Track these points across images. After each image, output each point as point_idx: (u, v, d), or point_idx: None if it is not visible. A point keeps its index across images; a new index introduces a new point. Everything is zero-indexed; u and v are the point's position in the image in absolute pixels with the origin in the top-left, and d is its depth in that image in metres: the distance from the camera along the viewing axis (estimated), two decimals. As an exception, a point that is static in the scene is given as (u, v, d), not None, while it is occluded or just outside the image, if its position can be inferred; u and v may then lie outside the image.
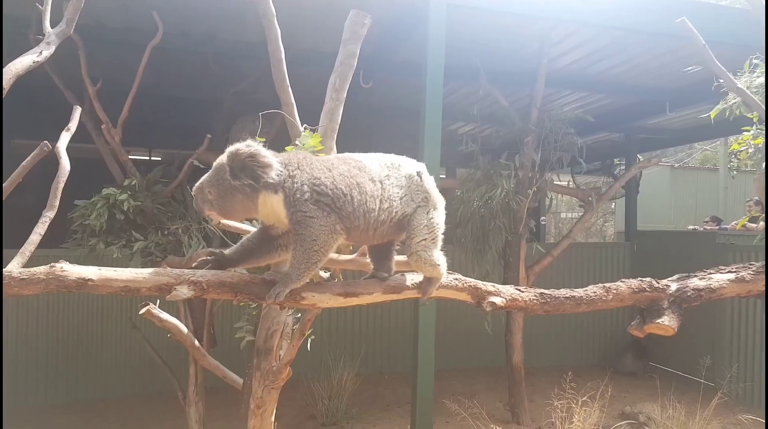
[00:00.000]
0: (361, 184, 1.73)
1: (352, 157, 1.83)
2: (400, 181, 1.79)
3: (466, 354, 7.40)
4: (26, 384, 5.85)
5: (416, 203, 1.80)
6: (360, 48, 2.74)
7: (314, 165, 1.73)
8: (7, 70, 1.55)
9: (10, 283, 1.47)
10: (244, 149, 1.65)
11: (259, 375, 3.00)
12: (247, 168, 1.65)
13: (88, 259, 3.91)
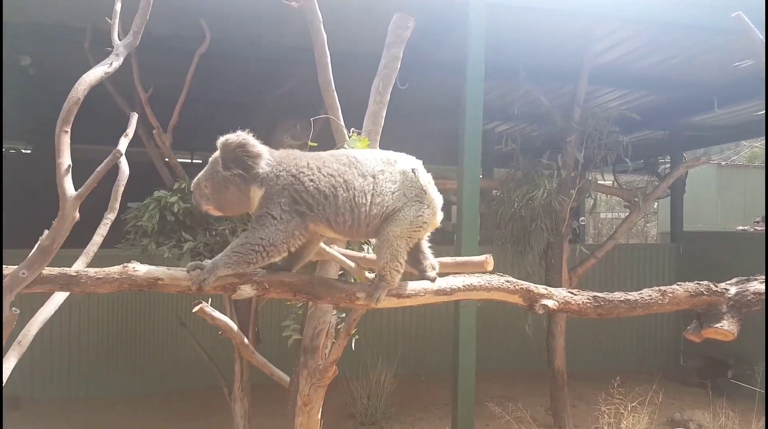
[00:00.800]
0: (349, 181, 1.75)
1: (346, 154, 1.85)
2: (394, 177, 1.80)
3: (504, 356, 7.33)
4: (77, 377, 6.09)
5: (407, 198, 1.79)
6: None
7: (303, 165, 1.75)
8: (81, 81, 1.64)
9: (87, 282, 1.55)
10: (234, 139, 1.69)
11: (306, 373, 3.05)
12: (238, 158, 1.69)
13: (140, 258, 3.99)
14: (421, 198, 1.81)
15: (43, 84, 6.23)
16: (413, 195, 1.80)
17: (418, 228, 1.79)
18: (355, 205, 1.74)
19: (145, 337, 6.33)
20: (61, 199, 1.59)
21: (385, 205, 1.77)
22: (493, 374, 6.99)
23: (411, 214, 1.78)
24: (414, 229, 1.78)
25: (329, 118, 2.93)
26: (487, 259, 2.17)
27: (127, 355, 6.26)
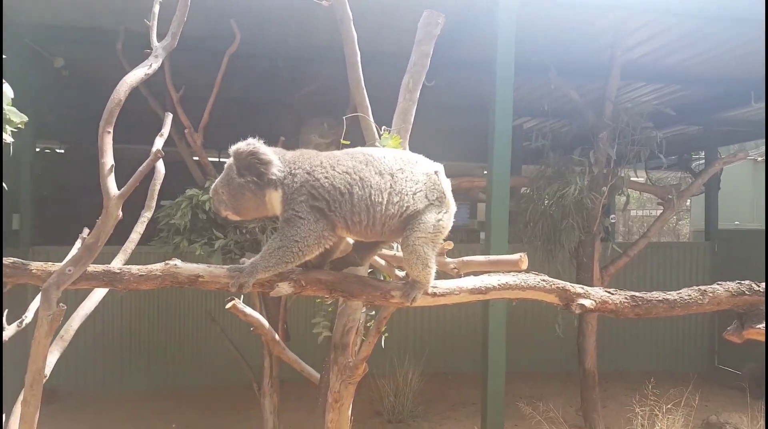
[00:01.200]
0: (365, 178, 1.72)
1: (362, 152, 1.83)
2: (416, 177, 1.76)
3: (533, 357, 7.25)
4: (110, 371, 6.24)
5: (429, 201, 1.76)
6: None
7: (317, 164, 1.75)
8: (123, 82, 1.67)
9: (130, 279, 1.59)
10: (244, 148, 1.70)
11: (337, 370, 3.07)
12: (251, 166, 1.71)
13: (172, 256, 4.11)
14: (441, 202, 1.78)
15: (76, 85, 6.39)
16: (435, 198, 1.77)
17: (439, 233, 1.77)
18: (371, 203, 1.70)
19: (177, 332, 6.45)
20: (105, 197, 1.63)
21: (404, 206, 1.73)
22: (522, 374, 6.93)
23: (432, 218, 1.74)
24: (436, 233, 1.75)
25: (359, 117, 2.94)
26: (521, 257, 2.15)
27: (159, 351, 6.38)
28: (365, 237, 1.81)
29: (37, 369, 1.64)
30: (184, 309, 6.45)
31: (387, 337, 3.29)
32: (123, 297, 6.14)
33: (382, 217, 1.72)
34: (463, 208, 10.37)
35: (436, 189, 1.77)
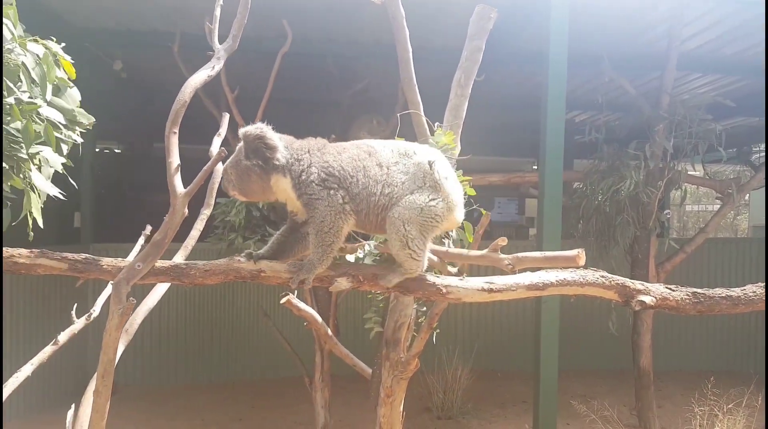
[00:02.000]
0: (368, 167, 1.74)
1: (365, 143, 1.84)
2: (407, 168, 1.76)
3: (585, 354, 7.10)
4: (167, 366, 6.47)
5: (416, 186, 1.74)
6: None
7: (325, 150, 1.78)
8: (187, 84, 1.74)
9: (196, 273, 1.64)
10: (252, 131, 1.74)
11: (388, 365, 3.09)
12: (258, 149, 1.74)
13: (227, 252, 4.25)
14: (435, 189, 1.75)
15: (133, 87, 6.64)
16: (429, 184, 1.75)
17: (431, 218, 1.71)
18: (368, 193, 1.73)
19: (230, 327, 6.63)
20: (171, 195, 1.69)
21: (393, 197, 1.73)
22: (574, 372, 6.79)
23: (421, 199, 1.70)
24: (426, 217, 1.70)
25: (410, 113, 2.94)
26: (578, 253, 2.10)
27: (213, 345, 6.58)
28: (365, 227, 1.82)
29: (108, 360, 1.72)
30: (237, 304, 6.62)
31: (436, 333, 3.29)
32: (177, 292, 6.35)
33: (375, 207, 1.74)
34: (511, 204, 10.22)
35: (427, 178, 1.75)
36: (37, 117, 1.87)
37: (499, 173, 5.51)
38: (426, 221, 1.71)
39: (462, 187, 1.92)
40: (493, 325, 7.12)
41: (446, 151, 2.54)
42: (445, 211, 1.74)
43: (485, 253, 2.49)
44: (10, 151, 1.86)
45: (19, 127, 1.80)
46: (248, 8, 1.89)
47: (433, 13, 4.56)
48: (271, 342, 6.14)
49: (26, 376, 2.10)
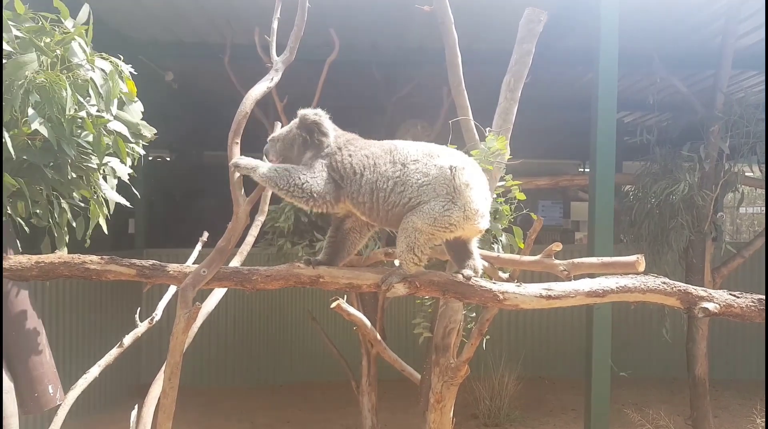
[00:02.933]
0: (378, 164, 1.78)
1: (393, 142, 1.87)
2: (427, 169, 1.75)
3: (638, 361, 6.87)
4: (220, 368, 6.63)
5: (437, 194, 1.73)
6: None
7: (349, 142, 1.86)
8: (248, 96, 1.80)
9: (257, 279, 1.69)
10: (311, 116, 1.88)
11: (438, 371, 3.09)
12: (310, 129, 1.88)
13: (277, 256, 4.33)
14: (453, 197, 1.73)
15: (184, 97, 6.85)
16: (444, 192, 1.74)
17: (443, 228, 1.73)
18: (375, 188, 1.76)
19: (278, 331, 6.75)
20: (234, 204, 1.74)
21: (407, 196, 1.75)
22: (626, 379, 6.58)
23: (437, 209, 1.72)
24: (438, 227, 1.72)
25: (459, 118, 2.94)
26: (638, 259, 2.06)
27: (264, 348, 6.71)
28: (372, 219, 1.85)
29: (174, 363, 1.78)
30: (287, 309, 6.73)
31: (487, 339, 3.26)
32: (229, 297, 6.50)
33: (385, 203, 1.77)
34: (555, 208, 10.04)
35: (447, 184, 1.74)
36: (104, 130, 1.96)
37: (546, 177, 5.43)
38: (437, 231, 1.73)
39: (489, 195, 1.90)
40: (540, 331, 7.01)
41: (497, 156, 2.53)
42: (461, 220, 1.73)
43: (539, 259, 2.46)
44: (80, 161, 1.96)
45: (90, 139, 1.90)
46: (305, 20, 1.94)
47: (480, 17, 4.54)
48: (319, 346, 6.23)
49: (94, 377, 2.20)
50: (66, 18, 1.91)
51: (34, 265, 1.75)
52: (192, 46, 5.28)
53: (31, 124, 1.74)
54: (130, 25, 4.92)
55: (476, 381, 5.50)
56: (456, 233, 1.77)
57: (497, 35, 4.90)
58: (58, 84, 1.79)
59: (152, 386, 2.29)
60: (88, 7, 1.97)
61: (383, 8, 4.47)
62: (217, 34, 4.97)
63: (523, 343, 6.88)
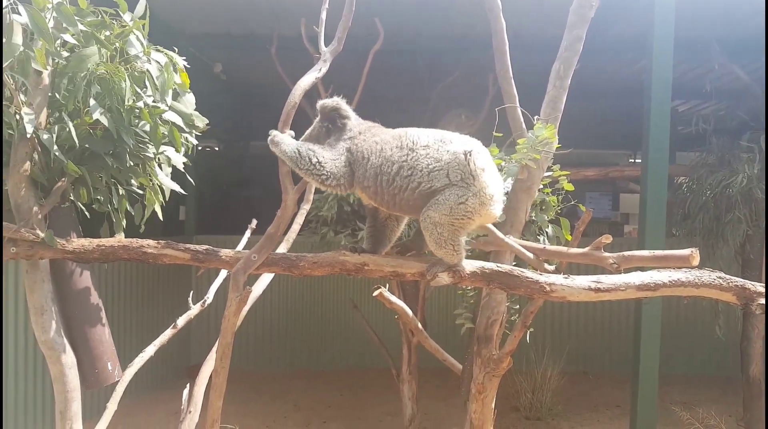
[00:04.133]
0: (384, 149, 1.76)
1: (405, 130, 1.85)
2: (440, 155, 1.71)
3: (687, 359, 6.68)
4: (262, 353, 6.81)
5: (449, 180, 1.69)
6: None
7: (366, 130, 1.88)
8: (297, 86, 1.83)
9: (305, 265, 1.73)
10: (330, 103, 1.92)
11: (480, 362, 3.08)
12: (332, 118, 1.91)
13: (320, 245, 4.40)
14: (467, 183, 1.69)
15: (231, 87, 7.00)
16: (458, 178, 1.70)
17: (461, 217, 1.69)
18: (379, 172, 1.74)
19: (321, 317, 6.86)
20: (283, 192, 1.78)
21: (415, 181, 1.71)
22: (675, 377, 6.41)
23: (452, 199, 1.68)
24: (456, 217, 1.68)
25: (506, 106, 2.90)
26: (692, 253, 1.99)
27: (307, 334, 6.85)
28: (379, 204, 1.84)
29: (226, 343, 1.85)
30: (328, 296, 6.84)
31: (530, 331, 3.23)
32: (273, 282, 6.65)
33: (390, 187, 1.74)
34: (604, 199, 9.78)
35: (461, 169, 1.70)
36: (160, 120, 2.03)
37: (595, 167, 5.30)
38: (456, 220, 1.70)
39: (502, 180, 1.87)
40: (584, 325, 6.88)
41: (545, 145, 2.49)
42: (477, 206, 1.70)
43: (587, 251, 2.41)
44: (138, 150, 2.04)
45: (147, 129, 1.97)
46: (353, 11, 1.95)
47: (527, 2, 4.45)
48: (359, 333, 6.30)
49: (149, 356, 2.30)
50: (124, 12, 1.98)
51: (95, 248, 1.84)
52: (239, 37, 5.38)
53: (92, 113, 1.82)
54: (179, 17, 5.05)
55: (518, 374, 5.44)
56: (475, 221, 1.75)
57: (545, 21, 4.79)
58: (118, 76, 1.87)
59: (203, 366, 2.38)
60: (145, 1, 2.04)
61: (428, -3, 4.44)
62: (264, 26, 5.05)
63: (566, 336, 6.77)
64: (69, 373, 1.97)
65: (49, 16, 1.74)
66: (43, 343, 1.95)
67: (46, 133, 1.84)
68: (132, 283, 5.44)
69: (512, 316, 3.31)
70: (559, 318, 6.85)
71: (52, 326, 1.94)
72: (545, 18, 4.72)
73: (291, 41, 4.84)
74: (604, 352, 6.72)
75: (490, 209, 1.75)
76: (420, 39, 5.25)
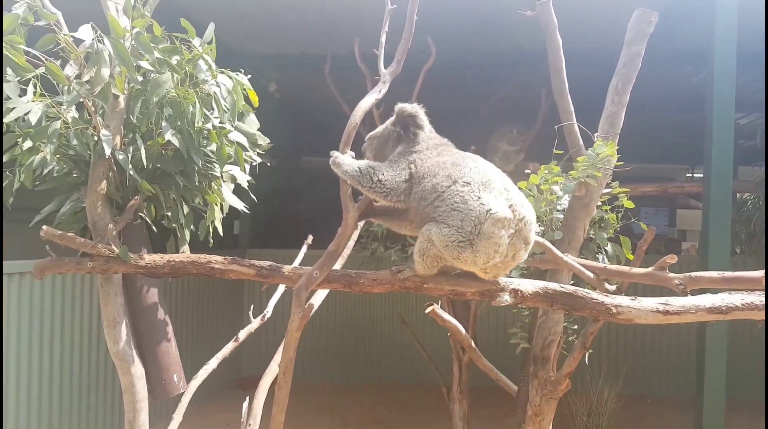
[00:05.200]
0: (438, 174, 1.77)
1: (467, 157, 1.84)
2: (470, 198, 1.70)
3: (754, 384, 6.32)
4: (312, 365, 6.87)
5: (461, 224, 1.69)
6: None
7: (434, 147, 1.89)
8: (358, 107, 1.87)
9: (364, 282, 1.75)
10: (409, 109, 1.96)
11: (537, 383, 3.01)
12: (405, 123, 1.94)
13: (370, 260, 4.43)
14: (471, 237, 1.67)
15: (284, 105, 7.19)
16: (468, 229, 1.68)
17: (451, 256, 1.70)
18: (422, 196, 1.77)
19: (370, 332, 6.89)
20: (344, 211, 1.82)
21: (438, 212, 1.72)
22: (742, 404, 6.08)
23: (453, 237, 1.68)
24: (447, 252, 1.69)
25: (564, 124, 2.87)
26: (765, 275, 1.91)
27: (354, 348, 6.88)
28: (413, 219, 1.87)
29: (289, 358, 1.89)
30: (376, 310, 6.86)
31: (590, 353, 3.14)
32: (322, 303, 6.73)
33: (421, 210, 1.78)
34: (660, 215, 9.46)
35: (475, 223, 1.68)
36: (226, 140, 2.11)
37: (653, 183, 5.14)
38: (445, 254, 1.72)
39: (519, 257, 1.82)
40: (643, 346, 6.62)
41: (606, 163, 2.45)
42: (469, 260, 1.71)
43: (651, 271, 2.34)
44: (205, 169, 2.13)
45: (214, 149, 2.06)
46: (412, 33, 1.98)
47: (582, 16, 4.40)
48: (408, 348, 6.27)
49: (213, 368, 2.37)
50: (193, 37, 2.08)
51: (166, 263, 1.92)
52: (293, 57, 5.54)
53: (164, 134, 1.92)
54: (236, 39, 5.24)
55: (573, 395, 5.28)
56: (462, 267, 1.76)
57: (598, 35, 4.72)
58: (188, 99, 1.96)
59: (262, 379, 2.43)
60: (213, 26, 2.13)
61: (478, 13, 4.45)
62: (317, 46, 5.17)
63: (623, 357, 6.53)
64: (138, 383, 2.05)
65: (127, 44, 1.85)
66: (115, 354, 2.04)
67: (122, 153, 1.94)
68: (184, 296, 5.61)
69: (569, 336, 3.23)
70: (615, 337, 6.63)
71: (123, 338, 2.03)
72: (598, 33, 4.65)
73: (343, 60, 4.95)
74: (664, 375, 6.45)
75: (479, 270, 1.75)
76: (471, 55, 5.26)
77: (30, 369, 3.50)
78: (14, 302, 3.39)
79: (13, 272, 3.36)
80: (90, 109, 1.93)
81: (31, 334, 3.51)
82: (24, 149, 1.89)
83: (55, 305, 3.73)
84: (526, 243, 1.78)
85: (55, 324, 3.73)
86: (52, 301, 3.71)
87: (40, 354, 3.58)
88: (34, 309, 3.54)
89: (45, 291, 3.65)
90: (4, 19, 1.56)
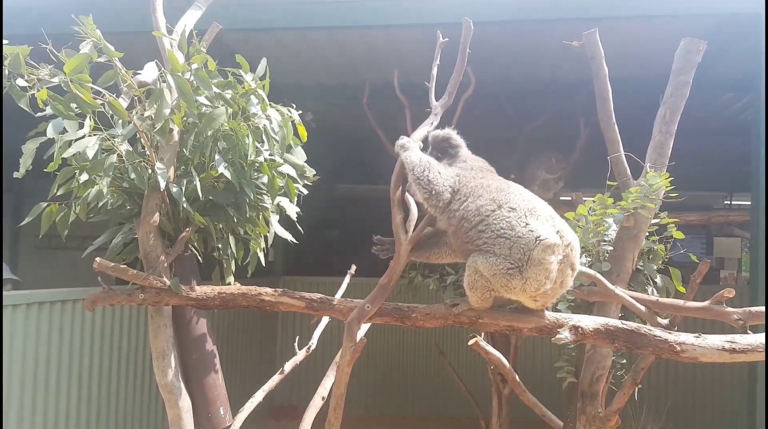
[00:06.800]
0: (482, 196, 1.75)
1: (510, 185, 1.84)
2: (517, 224, 1.68)
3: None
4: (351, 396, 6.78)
5: (510, 252, 1.67)
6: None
7: (478, 168, 1.91)
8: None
9: (417, 316, 1.73)
10: (441, 133, 2.00)
11: (585, 419, 2.91)
12: (442, 147, 1.98)
13: (407, 289, 4.39)
14: (520, 264, 1.65)
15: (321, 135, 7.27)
16: (517, 256, 1.65)
17: (500, 285, 1.67)
18: (465, 217, 1.74)
19: (405, 363, 6.79)
20: (396, 243, 1.81)
21: (483, 239, 1.70)
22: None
23: (501, 266, 1.66)
24: (495, 282, 1.67)
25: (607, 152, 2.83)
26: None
27: (390, 378, 6.77)
28: (452, 244, 1.86)
29: (339, 394, 1.87)
30: (411, 341, 6.78)
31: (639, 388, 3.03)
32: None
33: (465, 234, 1.75)
34: (695, 243, 9.20)
35: (524, 250, 1.66)
36: (276, 172, 2.14)
37: (697, 212, 5.01)
38: (494, 284, 1.70)
39: (567, 284, 1.79)
40: (687, 381, 6.37)
41: (659, 194, 2.40)
42: (518, 289, 1.69)
43: (707, 305, 2.26)
44: (256, 201, 2.15)
45: (265, 181, 2.08)
46: (464, 67, 1.99)
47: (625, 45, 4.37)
48: (445, 380, 6.15)
49: (258, 401, 2.35)
50: (247, 72, 2.13)
51: (217, 296, 1.93)
52: (331, 87, 5.62)
53: (217, 167, 1.95)
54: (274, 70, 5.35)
55: (615, 431, 5.09)
56: (511, 296, 1.73)
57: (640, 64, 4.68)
58: (241, 132, 2.00)
59: (306, 413, 2.40)
60: (265, 60, 2.18)
61: (516, 43, 4.46)
62: (355, 76, 5.25)
63: (665, 392, 6.28)
64: (185, 417, 2.05)
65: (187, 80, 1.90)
66: (163, 387, 2.04)
67: (175, 186, 1.97)
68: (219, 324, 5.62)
69: (618, 370, 3.12)
70: (656, 370, 6.40)
71: (171, 370, 2.03)
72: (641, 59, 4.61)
73: (381, 90, 5.00)
74: (709, 411, 6.17)
75: (529, 298, 1.73)
76: (509, 84, 5.27)
77: (79, 400, 3.49)
78: (54, 331, 3.33)
79: (55, 300, 3.34)
80: (146, 143, 1.97)
81: (81, 364, 3.50)
82: (80, 182, 1.93)
83: (104, 335, 3.73)
84: (573, 269, 1.77)
85: (104, 355, 3.72)
86: (101, 331, 3.70)
87: (89, 385, 3.57)
88: (85, 338, 3.53)
89: (95, 321, 3.64)
90: (73, 59, 1.62)
